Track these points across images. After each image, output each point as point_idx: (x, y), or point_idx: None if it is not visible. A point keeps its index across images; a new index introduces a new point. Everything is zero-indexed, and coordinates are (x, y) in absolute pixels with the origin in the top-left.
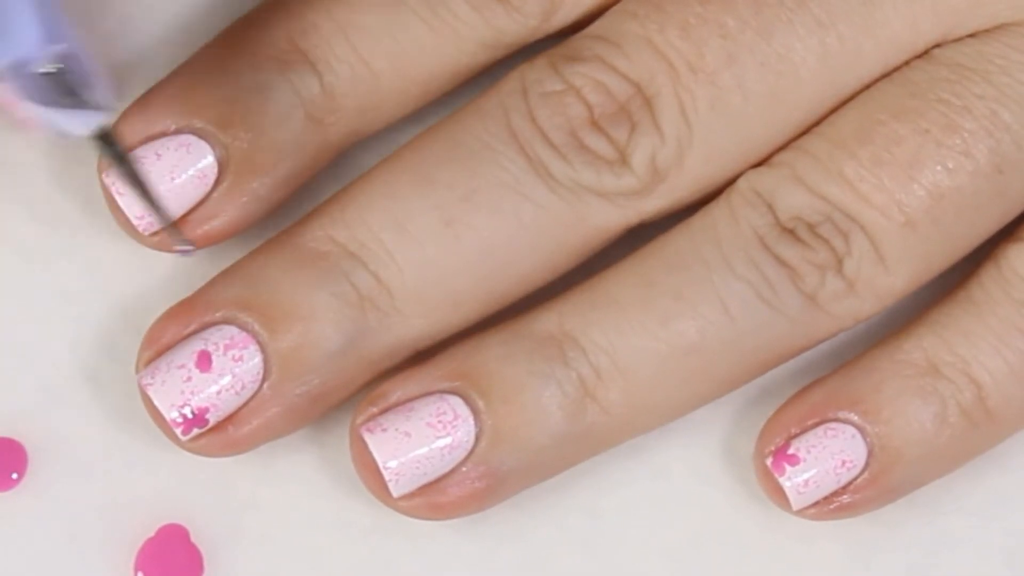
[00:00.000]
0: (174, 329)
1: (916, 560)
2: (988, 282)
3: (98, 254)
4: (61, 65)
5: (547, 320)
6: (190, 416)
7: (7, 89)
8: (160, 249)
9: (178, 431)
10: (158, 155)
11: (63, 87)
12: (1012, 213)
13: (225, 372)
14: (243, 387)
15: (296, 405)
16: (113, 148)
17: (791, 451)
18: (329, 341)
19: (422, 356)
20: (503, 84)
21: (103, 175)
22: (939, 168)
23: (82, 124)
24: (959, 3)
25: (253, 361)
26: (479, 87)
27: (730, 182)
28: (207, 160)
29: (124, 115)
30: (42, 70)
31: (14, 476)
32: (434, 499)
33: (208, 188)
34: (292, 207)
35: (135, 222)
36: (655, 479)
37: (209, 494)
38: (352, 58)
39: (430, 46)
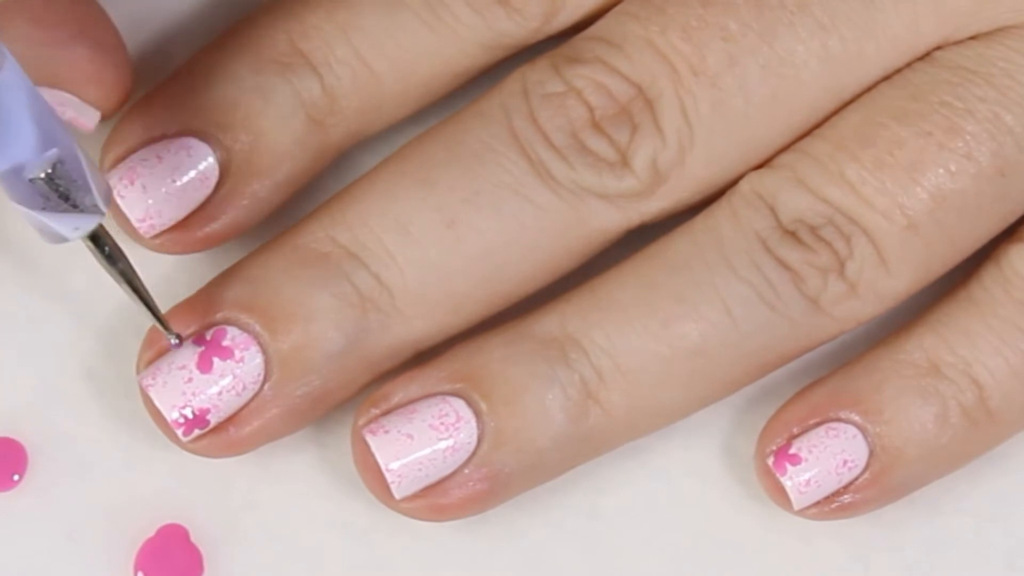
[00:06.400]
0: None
1: (916, 560)
2: (989, 282)
3: None
4: (52, 170)
5: (549, 322)
6: (191, 417)
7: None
8: (160, 251)
9: (179, 432)
10: (159, 157)
11: (55, 191)
12: (1014, 215)
13: (226, 373)
14: (244, 388)
15: (297, 406)
16: (104, 250)
17: (792, 451)
18: (330, 342)
19: (424, 357)
20: (504, 85)
21: (105, 176)
22: (941, 171)
23: (73, 228)
24: (961, 6)
25: (254, 362)
26: (480, 88)
27: (732, 184)
28: (208, 162)
29: (125, 117)
30: (33, 175)
31: (15, 477)
32: (436, 501)
33: (209, 190)
34: (293, 208)
35: (135, 224)
36: (655, 479)
37: (209, 494)
38: (353, 60)
39: (431, 48)
